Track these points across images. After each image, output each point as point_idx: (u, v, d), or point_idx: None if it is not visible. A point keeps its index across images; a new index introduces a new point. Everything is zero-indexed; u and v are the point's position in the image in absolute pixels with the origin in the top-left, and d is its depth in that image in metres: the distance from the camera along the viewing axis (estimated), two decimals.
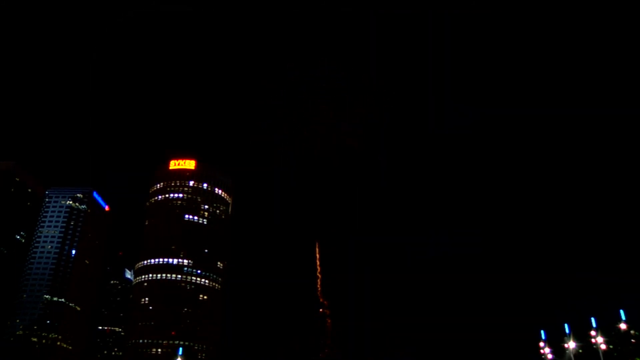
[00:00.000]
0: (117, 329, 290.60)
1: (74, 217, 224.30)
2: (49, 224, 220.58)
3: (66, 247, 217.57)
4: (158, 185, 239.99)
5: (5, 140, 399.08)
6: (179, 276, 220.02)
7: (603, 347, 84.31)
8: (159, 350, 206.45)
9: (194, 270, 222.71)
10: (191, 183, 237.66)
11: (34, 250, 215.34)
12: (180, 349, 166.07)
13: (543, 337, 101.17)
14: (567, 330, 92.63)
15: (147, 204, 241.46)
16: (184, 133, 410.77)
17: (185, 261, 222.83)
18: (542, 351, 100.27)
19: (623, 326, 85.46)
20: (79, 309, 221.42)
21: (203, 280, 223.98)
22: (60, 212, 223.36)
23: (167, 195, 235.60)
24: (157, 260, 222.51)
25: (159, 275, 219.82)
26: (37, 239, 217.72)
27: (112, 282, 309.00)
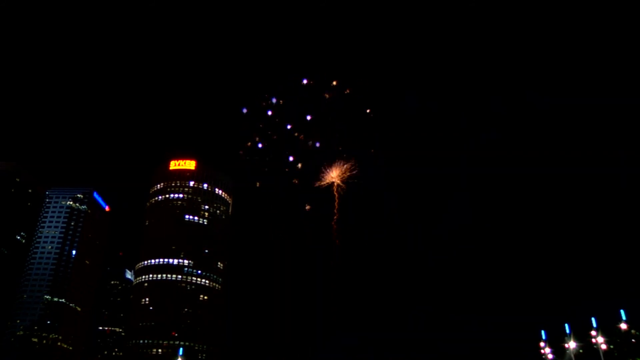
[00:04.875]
0: (117, 329, 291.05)
1: (74, 217, 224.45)
2: (49, 224, 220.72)
3: (66, 248, 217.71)
4: (158, 185, 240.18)
5: (6, 140, 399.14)
6: (179, 276, 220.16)
7: (603, 347, 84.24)
8: (160, 350, 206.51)
9: (194, 271, 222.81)
10: (191, 183, 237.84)
11: (34, 250, 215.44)
12: (181, 349, 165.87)
13: (543, 337, 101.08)
14: (567, 330, 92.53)
15: (147, 204, 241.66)
16: (184, 133, 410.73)
17: (186, 261, 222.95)
18: (542, 351, 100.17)
19: (623, 326, 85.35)
20: (79, 309, 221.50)
21: (203, 280, 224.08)
22: (61, 212, 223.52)
23: (167, 196, 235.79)
24: (157, 260, 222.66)
25: (159, 276, 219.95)
26: (38, 240, 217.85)
27: (112, 282, 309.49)
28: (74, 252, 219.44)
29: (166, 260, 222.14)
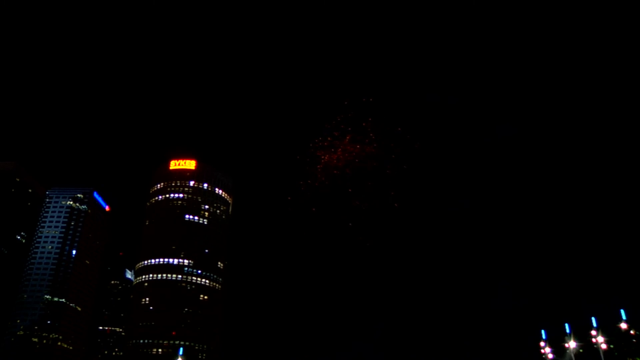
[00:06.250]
0: (117, 329, 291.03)
1: (74, 217, 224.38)
2: (50, 224, 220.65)
3: (67, 248, 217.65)
4: (158, 185, 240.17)
5: (7, 140, 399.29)
6: (180, 276, 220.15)
7: (604, 346, 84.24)
8: (160, 350, 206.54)
9: (194, 271, 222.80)
10: (191, 183, 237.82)
11: (35, 250, 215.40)
12: (181, 349, 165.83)
13: (544, 336, 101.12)
14: (567, 330, 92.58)
15: (148, 204, 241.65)
16: (184, 133, 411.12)
17: (186, 261, 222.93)
18: (542, 351, 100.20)
19: (624, 325, 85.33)
20: (79, 309, 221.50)
21: (203, 280, 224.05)
22: (61, 212, 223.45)
23: (167, 196, 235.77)
24: (157, 260, 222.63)
25: (159, 276, 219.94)
26: (38, 239, 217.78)
27: (112, 282, 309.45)
28: (74, 252, 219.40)
29: (166, 260, 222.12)
